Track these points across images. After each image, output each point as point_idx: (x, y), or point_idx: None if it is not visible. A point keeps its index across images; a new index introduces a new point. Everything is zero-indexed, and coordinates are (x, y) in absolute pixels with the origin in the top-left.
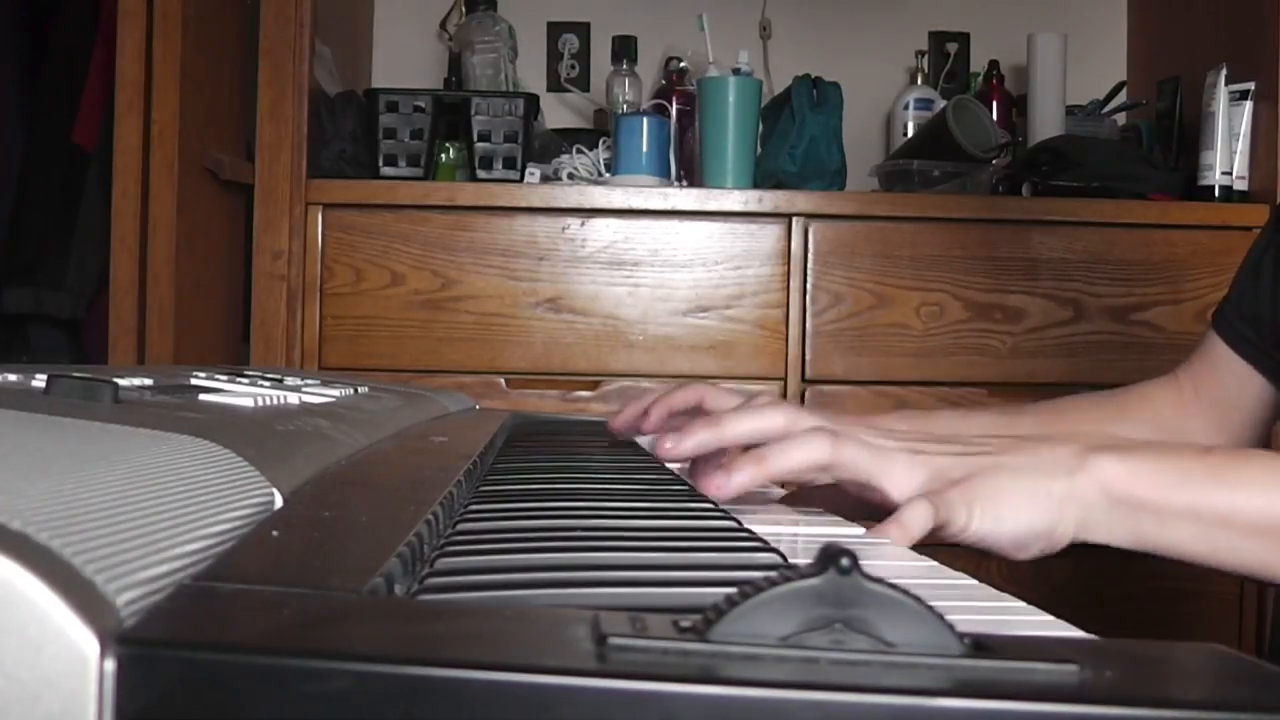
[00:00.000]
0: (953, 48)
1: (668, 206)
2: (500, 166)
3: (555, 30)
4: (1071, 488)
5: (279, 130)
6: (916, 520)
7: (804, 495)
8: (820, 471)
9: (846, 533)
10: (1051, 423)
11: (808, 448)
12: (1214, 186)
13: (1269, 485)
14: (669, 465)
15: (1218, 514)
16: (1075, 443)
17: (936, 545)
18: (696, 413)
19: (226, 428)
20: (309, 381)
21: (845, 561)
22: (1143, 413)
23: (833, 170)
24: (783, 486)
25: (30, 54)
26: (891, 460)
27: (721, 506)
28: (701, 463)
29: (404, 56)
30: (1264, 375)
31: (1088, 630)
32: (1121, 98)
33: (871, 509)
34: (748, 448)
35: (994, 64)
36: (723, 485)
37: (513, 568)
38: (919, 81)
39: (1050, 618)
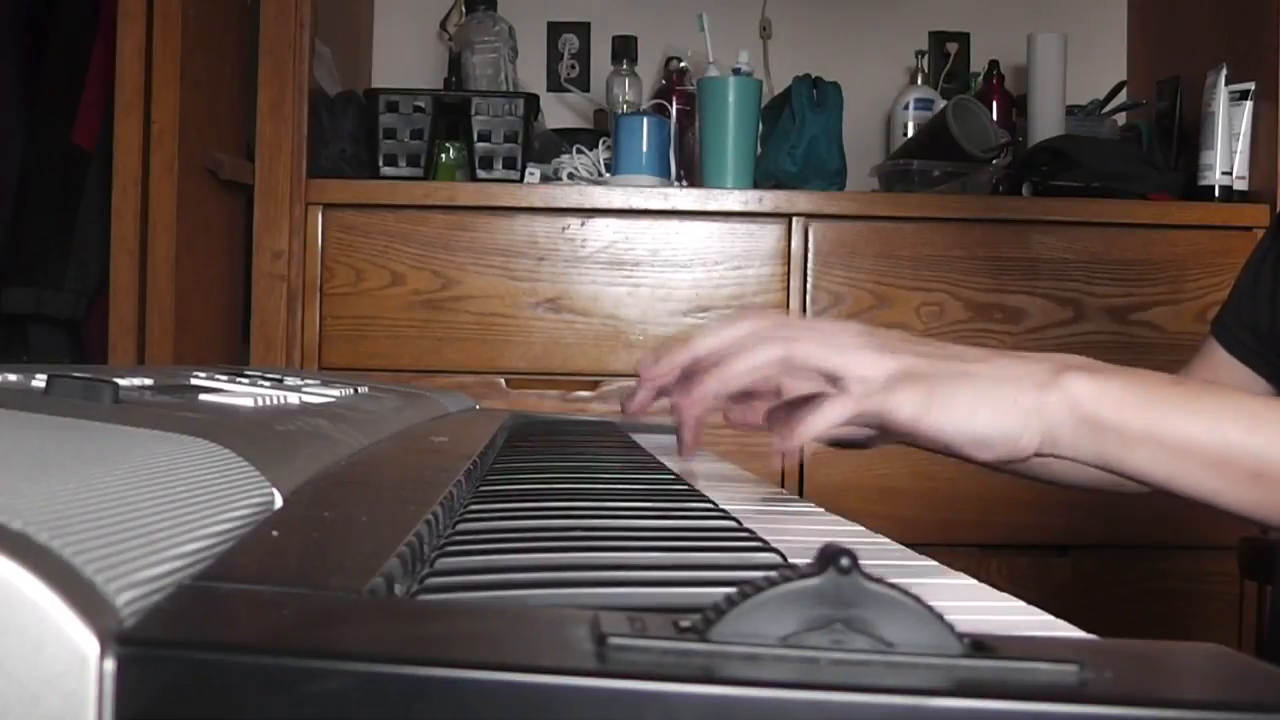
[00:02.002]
0: (953, 48)
1: (668, 206)
2: (500, 166)
3: (555, 30)
4: (1041, 401)
5: (279, 130)
6: (828, 414)
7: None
8: (783, 371)
9: (846, 530)
10: None
11: (766, 350)
12: (1214, 186)
13: (1225, 418)
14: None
15: (1176, 441)
16: (1051, 360)
17: (936, 544)
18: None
19: (226, 428)
20: (309, 381)
21: (845, 561)
22: None
23: (833, 170)
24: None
25: (30, 54)
26: (856, 354)
27: (721, 506)
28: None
29: (404, 56)
30: (1265, 379)
31: (1088, 630)
32: (1121, 98)
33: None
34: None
35: (994, 64)
36: (690, 401)
37: (513, 568)
38: (919, 81)
39: (1050, 618)
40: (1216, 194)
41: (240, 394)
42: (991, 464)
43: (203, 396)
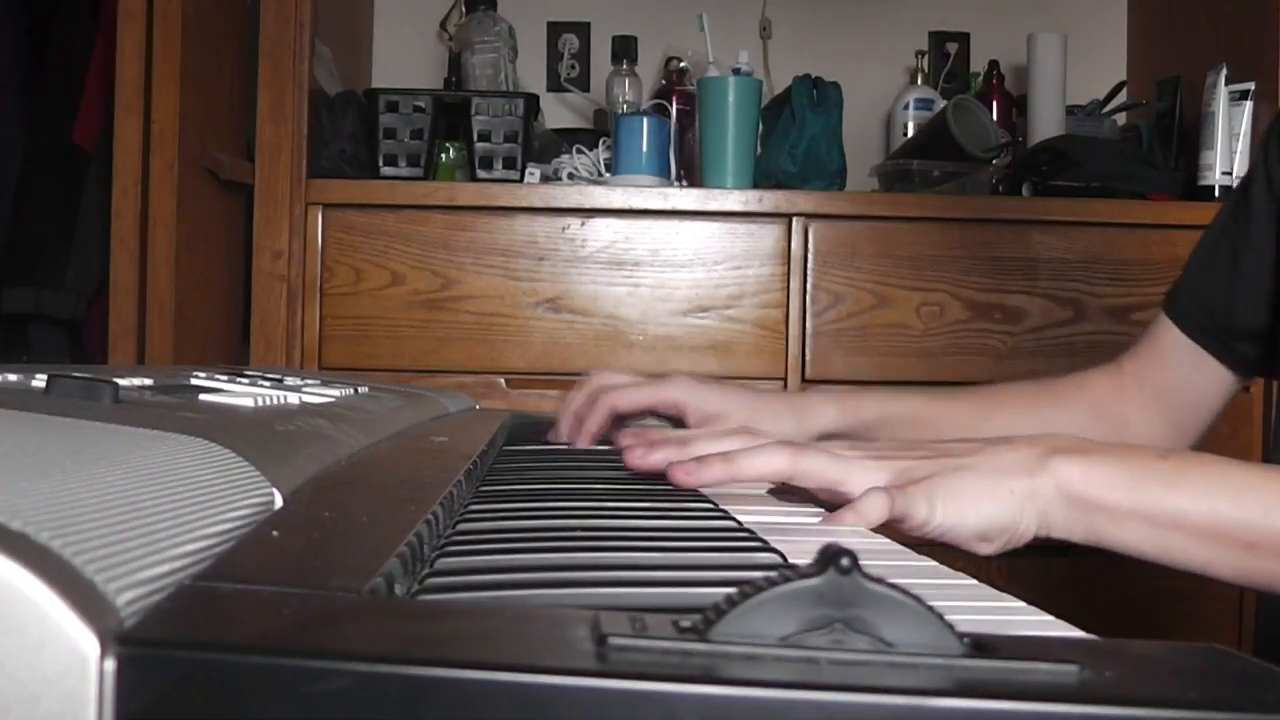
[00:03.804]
0: (953, 48)
1: (668, 206)
2: (500, 166)
3: (555, 30)
4: (1032, 486)
5: (279, 130)
6: (872, 507)
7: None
8: (785, 480)
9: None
10: (987, 410)
11: (772, 457)
12: (1214, 186)
13: (1215, 492)
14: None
15: (1167, 517)
16: (1038, 444)
17: (935, 545)
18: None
19: (226, 428)
20: (309, 381)
21: (845, 561)
22: (1080, 402)
23: (833, 170)
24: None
25: (30, 54)
26: (854, 464)
27: (721, 506)
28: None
29: (404, 56)
30: (1215, 358)
31: (1088, 630)
32: (1121, 98)
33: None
34: None
35: (994, 64)
36: (691, 474)
37: (513, 568)
38: (919, 81)
39: (1050, 618)
40: (1216, 194)
41: (240, 394)
42: (992, 555)
43: (203, 396)
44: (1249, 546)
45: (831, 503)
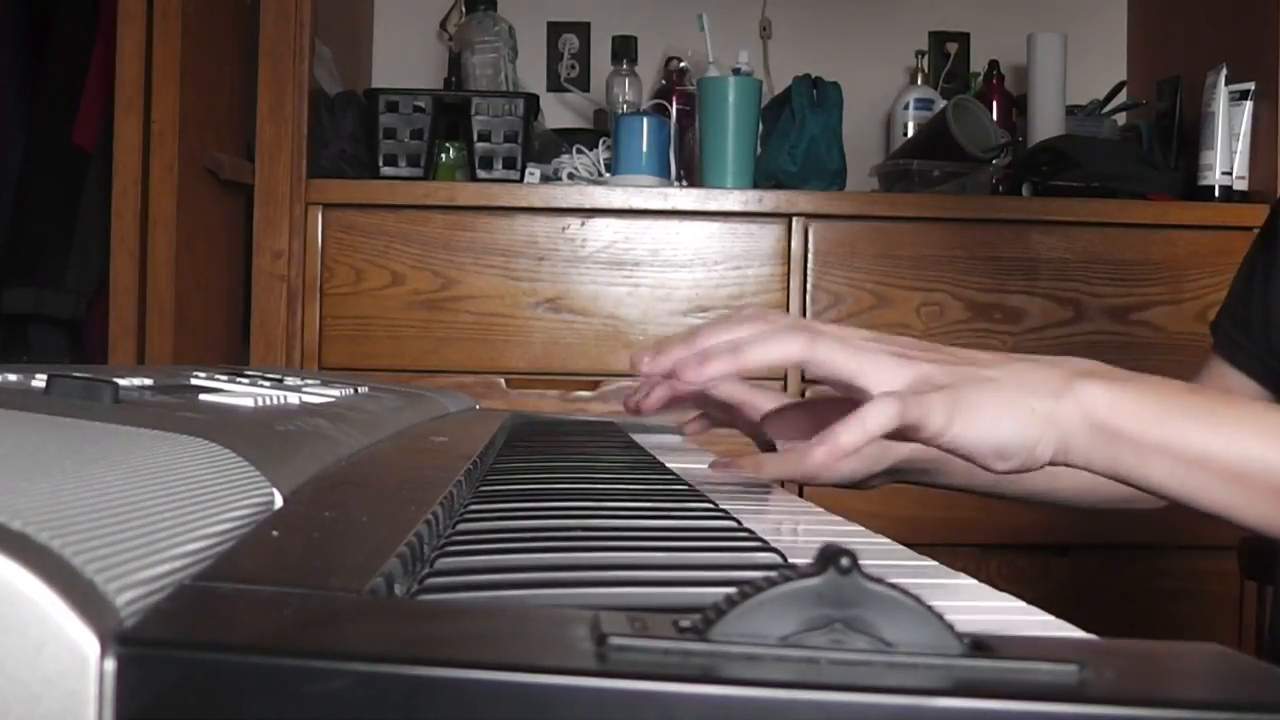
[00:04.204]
0: (953, 48)
1: (668, 206)
2: (500, 166)
3: (555, 30)
4: (1056, 409)
5: (279, 130)
6: (876, 417)
7: (814, 409)
8: (799, 365)
9: (846, 530)
10: None
11: (784, 344)
12: (1214, 186)
13: (1246, 430)
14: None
15: (1193, 453)
16: (1066, 365)
17: (936, 544)
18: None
19: (226, 428)
20: (309, 381)
21: (845, 561)
22: None
23: (833, 170)
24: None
25: (30, 54)
26: (874, 360)
27: (721, 506)
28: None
29: (404, 56)
30: (1254, 380)
31: (1088, 630)
32: (1121, 98)
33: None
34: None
35: (994, 64)
36: (697, 372)
37: (513, 568)
38: (919, 81)
39: (1050, 618)
40: (1216, 194)
41: (240, 394)
42: (1005, 474)
43: (203, 396)
44: (1277, 492)
45: (845, 398)
